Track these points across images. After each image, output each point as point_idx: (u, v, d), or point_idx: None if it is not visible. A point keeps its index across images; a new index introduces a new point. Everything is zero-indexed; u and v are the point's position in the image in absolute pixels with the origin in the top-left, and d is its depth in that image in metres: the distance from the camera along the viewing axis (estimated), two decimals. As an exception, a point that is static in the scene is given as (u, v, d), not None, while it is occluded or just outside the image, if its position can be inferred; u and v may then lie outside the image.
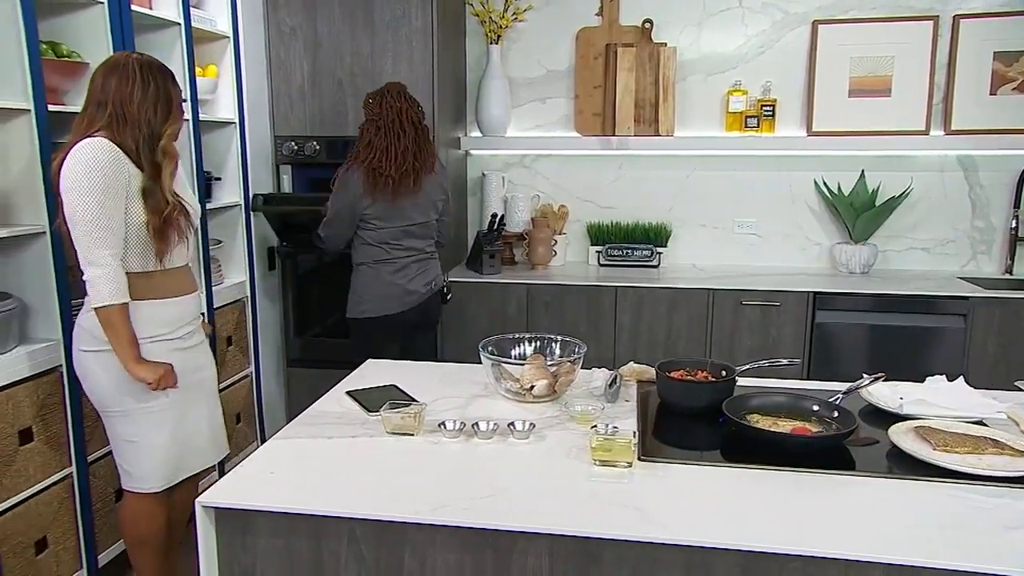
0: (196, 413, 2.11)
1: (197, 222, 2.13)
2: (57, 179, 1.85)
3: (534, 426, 1.58)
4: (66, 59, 2.25)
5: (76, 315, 2.03)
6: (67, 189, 1.81)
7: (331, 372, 2.19)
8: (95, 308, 1.85)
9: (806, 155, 3.53)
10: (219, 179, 3.05)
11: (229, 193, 3.10)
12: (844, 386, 1.73)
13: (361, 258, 2.76)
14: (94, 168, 1.80)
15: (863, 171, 3.45)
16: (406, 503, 1.31)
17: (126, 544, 2.18)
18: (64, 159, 1.83)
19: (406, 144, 2.63)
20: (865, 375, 1.74)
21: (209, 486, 1.39)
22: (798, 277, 3.32)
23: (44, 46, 2.17)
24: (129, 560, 2.23)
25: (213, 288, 2.89)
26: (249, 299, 3.18)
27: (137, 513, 2.08)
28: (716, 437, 1.60)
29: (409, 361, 2.19)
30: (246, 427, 3.21)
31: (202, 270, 2.81)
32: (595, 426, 1.52)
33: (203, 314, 2.33)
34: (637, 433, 1.48)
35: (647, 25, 3.53)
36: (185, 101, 2.08)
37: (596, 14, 3.60)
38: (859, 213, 3.39)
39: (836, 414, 1.56)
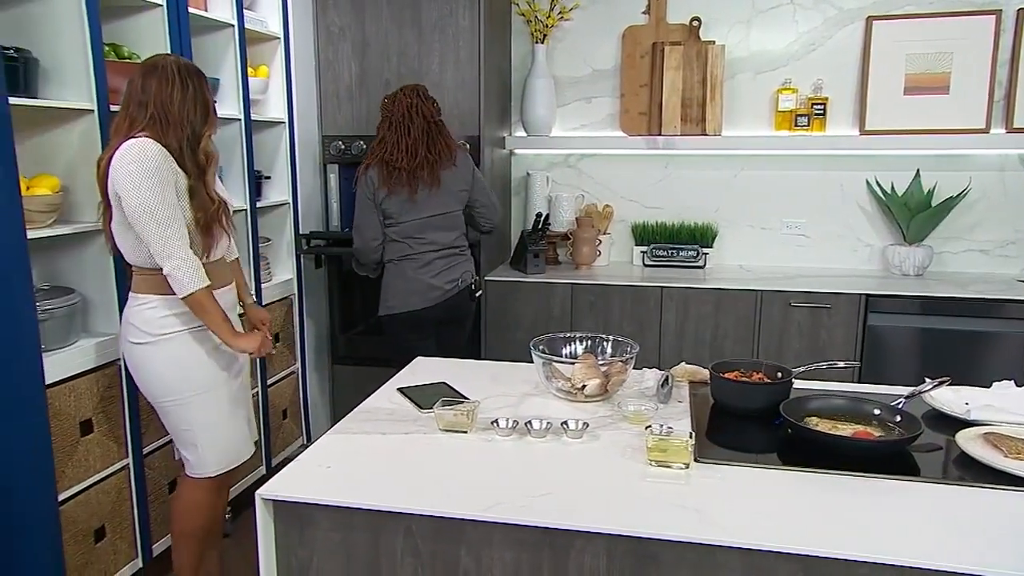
0: (244, 399, 2.18)
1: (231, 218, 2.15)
2: (104, 179, 1.90)
3: (587, 425, 1.57)
4: (127, 60, 2.31)
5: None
6: (127, 188, 1.84)
7: (375, 370, 2.21)
8: (182, 298, 1.91)
9: (858, 154, 3.45)
10: (268, 178, 3.10)
11: (278, 192, 3.15)
12: (906, 390, 1.68)
13: (389, 255, 2.81)
14: (149, 165, 1.84)
15: (918, 170, 3.37)
16: (462, 500, 1.31)
17: (172, 536, 2.22)
18: (111, 159, 1.87)
19: (416, 136, 2.68)
20: (928, 379, 1.69)
21: (257, 480, 1.40)
22: (849, 279, 3.25)
23: (107, 48, 2.23)
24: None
25: (262, 285, 2.94)
26: (296, 296, 3.23)
27: (192, 503, 2.13)
28: (772, 440, 1.57)
29: (459, 359, 2.19)
30: (292, 423, 3.26)
31: (251, 267, 2.86)
32: (649, 426, 1.50)
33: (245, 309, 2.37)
34: (693, 434, 1.46)
35: (695, 23, 3.50)
36: (215, 101, 2.10)
37: (643, 12, 3.57)
38: (914, 214, 3.31)
39: (899, 418, 1.52)
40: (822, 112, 3.43)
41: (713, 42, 3.48)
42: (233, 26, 2.72)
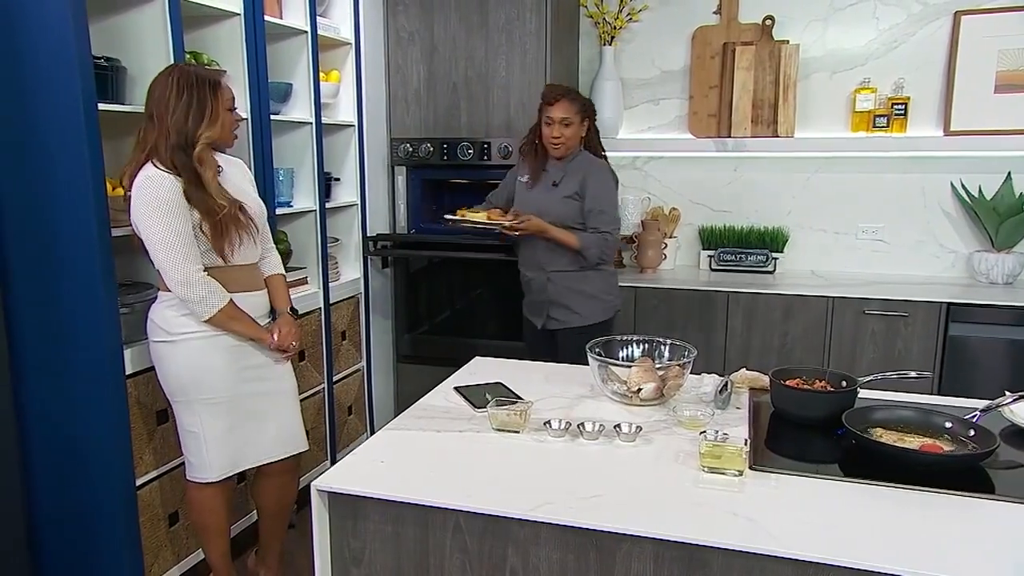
0: (260, 410, 2.15)
1: (259, 221, 2.15)
2: (128, 200, 1.98)
3: (640, 429, 1.55)
4: (206, 67, 2.41)
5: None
6: (141, 221, 1.94)
7: (439, 369, 2.23)
8: (205, 321, 1.99)
9: (942, 156, 3.29)
10: (338, 180, 3.19)
11: (347, 193, 3.23)
12: (982, 403, 1.59)
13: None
14: (159, 199, 1.91)
15: (1009, 173, 3.18)
16: (511, 498, 1.31)
17: (194, 530, 2.28)
18: (131, 186, 1.95)
19: None
20: (1007, 392, 1.60)
21: (322, 473, 1.44)
22: (929, 286, 3.10)
23: (188, 55, 2.34)
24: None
25: (329, 284, 3.02)
26: (363, 295, 3.30)
27: (196, 502, 2.16)
28: (833, 450, 1.51)
29: (515, 360, 2.20)
30: (357, 419, 3.34)
31: (319, 266, 2.95)
32: (704, 432, 1.47)
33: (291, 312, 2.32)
34: (748, 441, 1.42)
35: (768, 22, 3.41)
36: (233, 110, 2.10)
37: (714, 12, 3.51)
38: (1003, 219, 3.13)
39: (972, 433, 1.44)
40: (903, 112, 3.29)
41: (787, 41, 3.38)
42: (306, 33, 2.81)
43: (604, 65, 3.54)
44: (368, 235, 3.32)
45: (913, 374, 1.68)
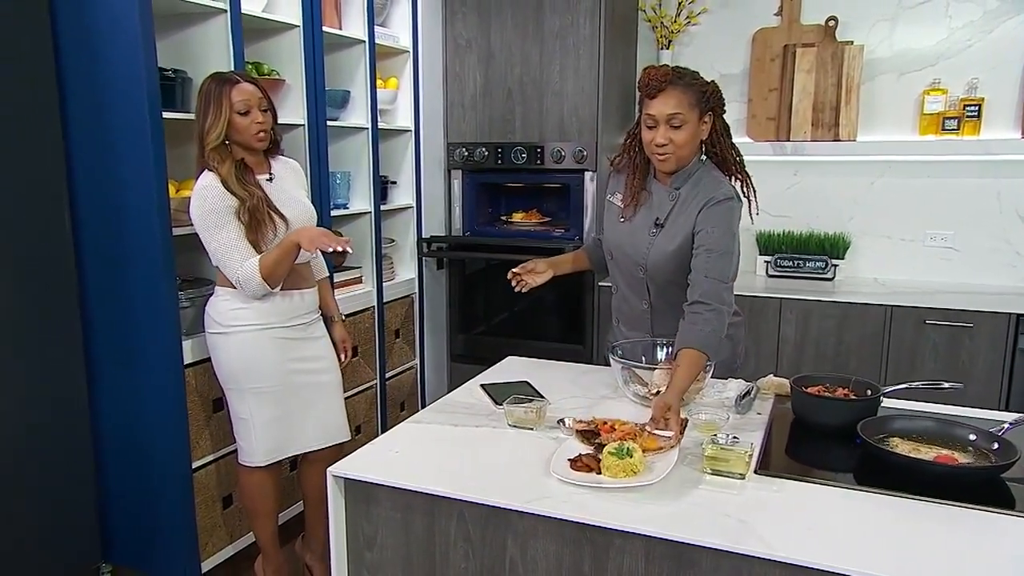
0: (306, 400, 2.25)
1: (310, 225, 2.19)
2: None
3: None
4: (266, 77, 2.56)
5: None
6: (197, 224, 2.06)
7: (492, 369, 2.27)
8: (263, 286, 2.06)
9: (1021, 160, 3.12)
10: (395, 183, 3.30)
11: (403, 196, 3.34)
12: (1012, 416, 1.52)
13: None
14: (209, 206, 2.02)
15: (1092, 178, 2.99)
16: (509, 491, 1.35)
17: (244, 512, 2.39)
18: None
19: None
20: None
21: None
22: (1000, 297, 2.94)
23: (249, 66, 2.49)
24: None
25: (384, 284, 3.13)
26: (417, 295, 3.40)
27: (246, 485, 2.27)
28: (850, 458, 1.48)
29: (546, 360, 2.23)
30: (408, 416, 3.43)
31: (373, 266, 3.06)
32: (715, 435, 1.47)
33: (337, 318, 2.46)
34: (755, 445, 1.42)
35: (831, 23, 3.32)
36: (245, 113, 2.08)
37: (775, 14, 3.44)
38: (1083, 226, 2.94)
39: (996, 446, 1.39)
40: (976, 114, 3.14)
41: (851, 42, 3.28)
42: (364, 42, 2.94)
43: (661, 69, 3.52)
44: (423, 237, 3.42)
45: (946, 385, 1.61)
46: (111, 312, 2.26)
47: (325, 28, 2.72)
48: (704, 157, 1.91)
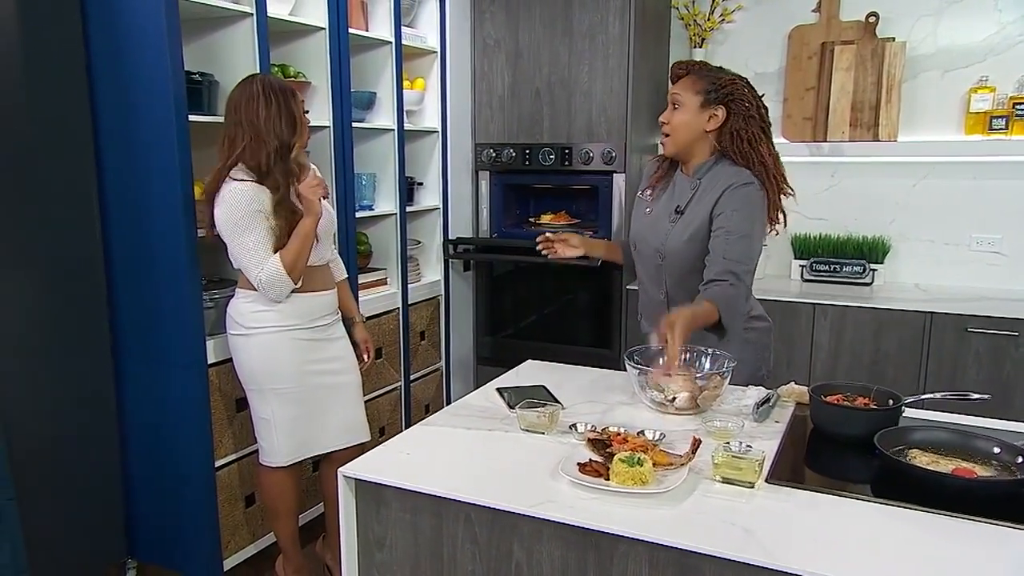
0: (326, 401, 2.26)
1: (326, 229, 2.24)
2: (207, 203, 2.12)
3: (664, 436, 1.52)
4: (292, 79, 2.59)
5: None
6: (223, 228, 2.08)
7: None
8: (288, 284, 2.10)
9: (1072, 160, 2.98)
10: (421, 184, 3.31)
11: (430, 197, 3.34)
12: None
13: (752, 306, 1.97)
14: (239, 211, 2.04)
15: None
16: (515, 494, 1.33)
17: (265, 511, 2.41)
18: (215, 191, 2.09)
19: None
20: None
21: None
22: (1049, 304, 2.82)
23: (275, 68, 2.52)
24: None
25: (409, 285, 3.13)
26: (443, 297, 3.40)
27: (267, 484, 2.29)
28: (867, 470, 1.41)
29: (565, 364, 2.19)
30: (435, 417, 3.43)
31: (399, 268, 3.07)
32: (728, 443, 1.43)
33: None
34: (765, 453, 1.36)
35: (871, 19, 3.21)
36: (307, 112, 2.21)
37: (813, 10, 3.35)
38: None
39: (1021, 459, 1.31)
40: (1025, 113, 3.01)
41: (892, 39, 3.18)
42: (391, 43, 2.94)
43: (693, 68, 3.46)
44: (449, 238, 3.41)
45: (975, 396, 1.54)
46: (137, 312, 2.30)
47: (351, 30, 2.74)
48: (716, 154, 1.89)
